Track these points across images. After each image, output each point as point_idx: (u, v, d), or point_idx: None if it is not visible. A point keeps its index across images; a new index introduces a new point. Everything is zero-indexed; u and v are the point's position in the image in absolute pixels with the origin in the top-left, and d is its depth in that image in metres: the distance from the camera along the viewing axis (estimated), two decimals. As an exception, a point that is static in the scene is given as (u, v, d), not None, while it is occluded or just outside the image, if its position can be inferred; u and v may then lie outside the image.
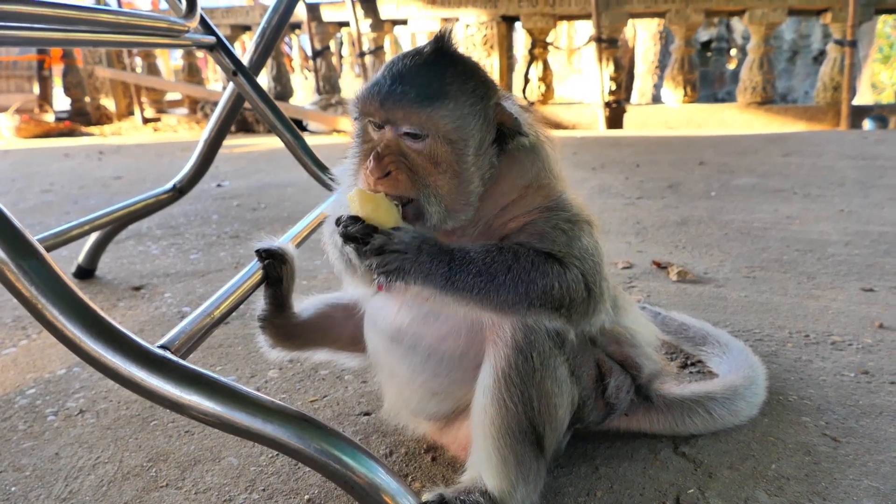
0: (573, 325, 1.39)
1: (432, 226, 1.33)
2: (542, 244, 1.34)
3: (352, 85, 15.24)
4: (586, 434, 1.72)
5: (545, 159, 1.42)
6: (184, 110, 13.01)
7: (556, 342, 1.39)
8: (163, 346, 1.34)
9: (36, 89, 13.30)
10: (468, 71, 1.34)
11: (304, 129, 10.99)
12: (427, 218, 1.32)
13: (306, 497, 1.59)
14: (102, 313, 1.28)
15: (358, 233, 1.27)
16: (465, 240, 1.39)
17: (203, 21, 2.79)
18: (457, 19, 11.18)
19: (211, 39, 2.86)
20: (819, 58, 16.34)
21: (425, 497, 1.34)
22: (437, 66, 1.31)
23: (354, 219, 1.28)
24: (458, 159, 1.30)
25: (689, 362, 2.23)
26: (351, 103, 1.38)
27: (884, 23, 21.09)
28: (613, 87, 10.46)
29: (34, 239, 1.29)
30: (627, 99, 13.67)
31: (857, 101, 10.52)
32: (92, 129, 12.45)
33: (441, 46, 1.34)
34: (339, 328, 1.76)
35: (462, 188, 1.32)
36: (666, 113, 10.65)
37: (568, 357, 1.43)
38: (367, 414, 1.97)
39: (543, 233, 1.36)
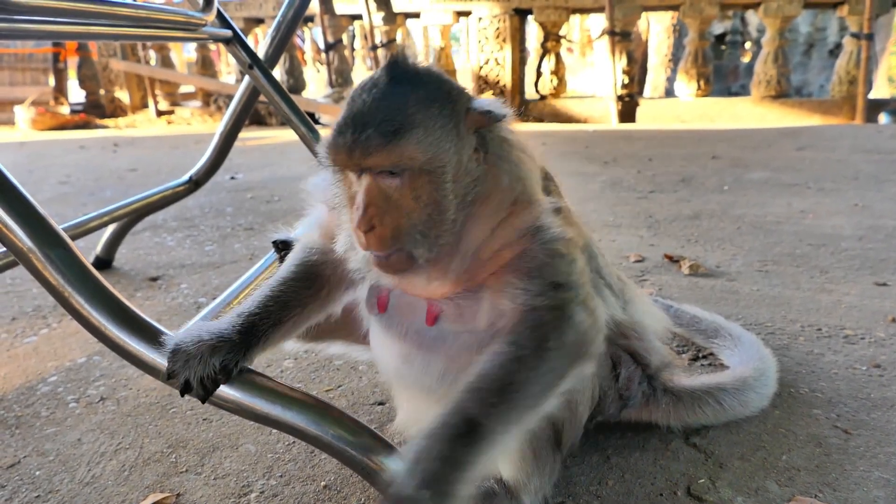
0: (591, 358, 1.32)
1: (422, 265, 1.27)
2: (542, 279, 1.28)
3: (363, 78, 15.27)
4: (598, 425, 1.74)
5: (528, 171, 1.34)
6: (197, 103, 13.10)
7: None
8: (184, 335, 1.37)
9: (51, 81, 13.36)
10: (431, 90, 1.25)
11: (316, 122, 10.98)
12: (416, 259, 1.26)
13: (322, 483, 1.62)
14: (127, 302, 1.31)
15: None
16: (454, 275, 1.32)
17: (219, 15, 2.83)
18: (469, 12, 11.16)
19: (227, 33, 2.89)
20: (835, 51, 16.18)
21: (440, 483, 1.36)
22: (397, 96, 1.23)
23: None
24: (437, 188, 1.23)
25: (700, 355, 2.24)
26: (321, 153, 1.29)
27: (901, 15, 20.79)
28: (626, 81, 10.41)
29: (60, 229, 1.32)
30: (640, 92, 13.60)
31: (873, 95, 10.40)
32: (107, 121, 12.55)
33: (395, 73, 1.26)
34: (354, 322, 1.78)
35: (445, 215, 1.25)
36: (679, 107, 10.59)
37: None
38: (381, 403, 2.00)
39: (542, 265, 1.28)
